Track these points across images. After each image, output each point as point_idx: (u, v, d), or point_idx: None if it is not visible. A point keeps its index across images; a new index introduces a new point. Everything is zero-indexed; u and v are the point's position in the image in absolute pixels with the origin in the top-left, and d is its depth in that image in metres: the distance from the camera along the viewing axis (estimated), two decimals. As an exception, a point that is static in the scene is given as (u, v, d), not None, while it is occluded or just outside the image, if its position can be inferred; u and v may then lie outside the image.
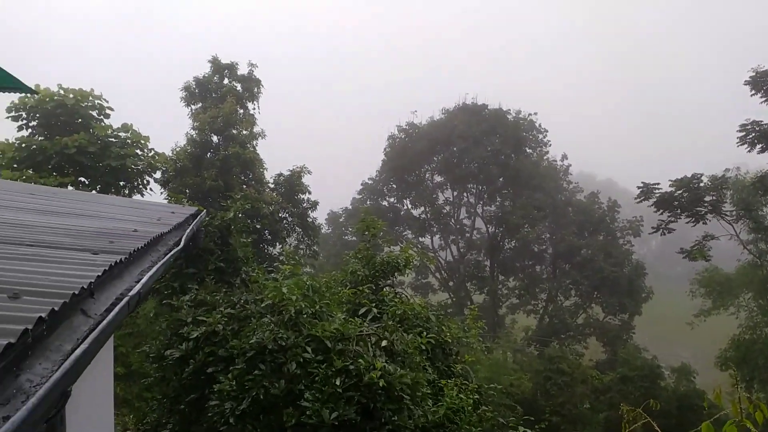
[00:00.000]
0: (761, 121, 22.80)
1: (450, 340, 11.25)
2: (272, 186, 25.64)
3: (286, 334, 8.11)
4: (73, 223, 4.19)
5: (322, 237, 32.27)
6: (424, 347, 9.65)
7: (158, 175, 22.44)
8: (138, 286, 2.74)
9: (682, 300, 36.64)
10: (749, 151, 23.51)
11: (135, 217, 5.30)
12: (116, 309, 2.31)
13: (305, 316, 8.58)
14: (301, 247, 26.62)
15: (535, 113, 41.54)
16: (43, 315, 1.99)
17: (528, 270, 41.03)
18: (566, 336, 36.96)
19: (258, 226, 21.61)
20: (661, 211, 25.37)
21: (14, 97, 18.70)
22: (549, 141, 41.93)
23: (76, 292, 2.35)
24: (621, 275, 36.72)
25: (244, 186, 23.81)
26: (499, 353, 30.45)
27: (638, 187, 25.83)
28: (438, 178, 43.56)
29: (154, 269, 3.24)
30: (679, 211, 25.05)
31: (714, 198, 24.69)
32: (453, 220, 43.09)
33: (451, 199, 43.31)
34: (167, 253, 4.13)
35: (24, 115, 19.74)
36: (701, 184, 24.56)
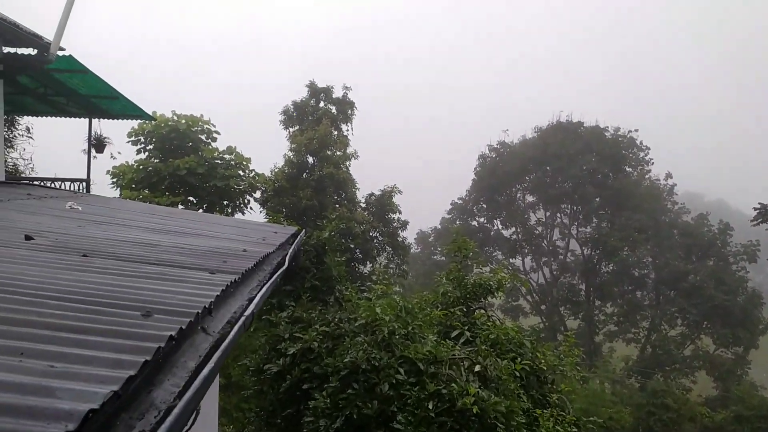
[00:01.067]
0: None
1: (545, 368, 10.79)
2: (364, 205, 26.14)
3: (379, 355, 8.15)
4: (190, 243, 4.48)
5: (411, 256, 32.34)
6: (518, 374, 9.33)
7: (258, 194, 23.67)
8: (252, 306, 2.87)
9: (807, 334, 33.02)
10: None
11: (242, 236, 5.57)
12: (235, 329, 2.42)
13: (398, 337, 8.59)
14: (390, 266, 26.82)
15: (636, 130, 39.49)
16: (173, 333, 2.11)
17: (627, 295, 38.65)
18: (671, 368, 34.31)
19: (351, 246, 22.07)
20: (783, 235, 23.09)
21: (135, 123, 20.43)
22: (651, 159, 39.60)
23: (200, 311, 2.48)
24: (734, 304, 33.66)
25: (337, 205, 24.48)
26: (596, 383, 28.79)
27: (755, 209, 23.68)
28: (530, 198, 42.40)
29: (264, 288, 3.37)
30: (804, 235, 22.68)
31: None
32: (545, 242, 41.67)
33: (543, 220, 41.96)
34: (273, 273, 4.29)
35: (142, 140, 21.56)
36: (830, 206, 22.12)
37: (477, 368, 8.48)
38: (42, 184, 11.41)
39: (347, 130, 26.17)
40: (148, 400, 1.87)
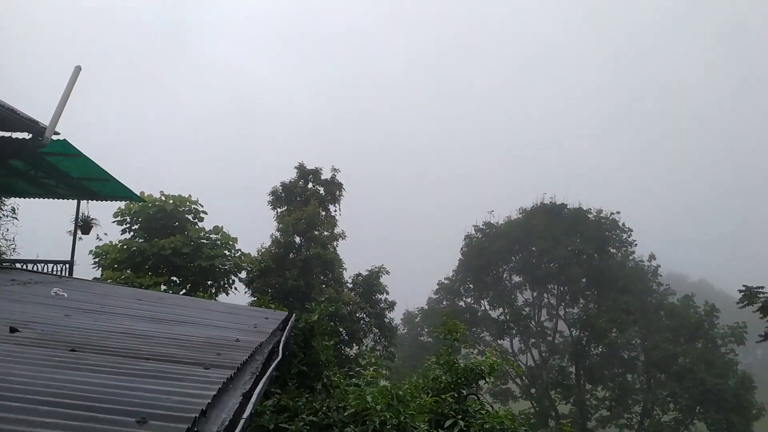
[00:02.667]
0: None
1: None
2: (350, 286, 25.86)
3: (370, 447, 7.79)
4: (182, 332, 4.34)
5: (398, 338, 31.71)
6: (514, 466, 8.93)
7: (243, 274, 23.36)
8: (250, 406, 2.73)
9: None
10: None
11: (234, 323, 5.43)
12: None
13: (389, 427, 8.26)
14: (377, 348, 26.18)
15: (618, 212, 40.37)
16: (172, 444, 1.99)
17: (618, 379, 37.90)
18: (667, 455, 33.13)
19: (340, 329, 21.64)
20: (769, 317, 23.15)
21: (122, 204, 20.41)
22: (634, 240, 40.26)
23: (196, 416, 2.36)
24: (726, 388, 33.09)
25: (324, 286, 24.17)
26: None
27: (739, 291, 23.90)
28: (516, 279, 42.43)
29: (260, 385, 3.24)
30: (790, 317, 22.76)
31: (830, 303, 22.35)
32: (533, 322, 41.26)
33: (531, 300, 41.79)
34: (267, 365, 4.15)
35: (128, 220, 21.45)
36: (813, 287, 22.40)
37: (472, 461, 8.13)
38: (24, 266, 11.17)
39: (335, 211, 26.36)
40: None
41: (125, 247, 20.59)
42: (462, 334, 13.61)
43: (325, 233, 25.23)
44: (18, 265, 10.79)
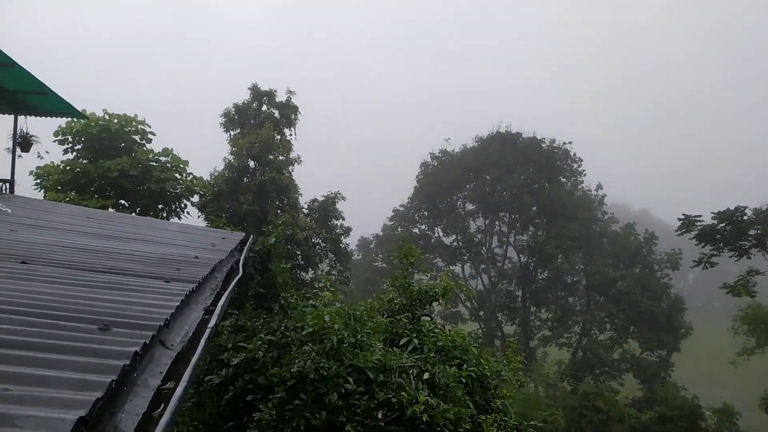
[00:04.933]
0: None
1: (489, 374, 10.95)
2: (306, 211, 25.79)
3: (327, 364, 8.00)
4: (138, 249, 4.21)
5: (353, 263, 32.22)
6: (464, 380, 9.41)
7: (195, 198, 22.84)
8: (214, 318, 2.69)
9: (722, 337, 35.28)
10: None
11: (191, 242, 5.31)
12: (202, 342, 2.25)
13: (347, 345, 8.47)
14: (333, 272, 26.59)
15: (570, 142, 41.18)
16: (137, 349, 1.94)
17: (561, 301, 40.14)
18: (601, 371, 35.82)
19: (297, 252, 21.72)
20: (703, 244, 24.63)
21: (62, 121, 19.27)
22: (584, 170, 41.42)
23: (161, 324, 2.30)
24: (659, 309, 35.61)
25: (279, 211, 24.02)
26: (531, 387, 29.61)
27: (679, 219, 25.17)
28: (470, 206, 43.32)
29: (223, 298, 3.19)
30: (722, 244, 24.27)
31: (759, 231, 23.88)
32: (484, 249, 42.63)
33: (483, 228, 42.93)
34: (227, 281, 4.11)
35: (70, 139, 20.35)
36: (745, 217, 23.80)
37: (426, 376, 8.50)
38: (-40, 184, 10.53)
39: (290, 135, 25.78)
40: (112, 424, 1.69)
41: (68, 168, 19.66)
42: (416, 258, 13.88)
43: (281, 158, 24.76)
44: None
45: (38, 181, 19.63)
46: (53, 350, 1.78)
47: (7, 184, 11.43)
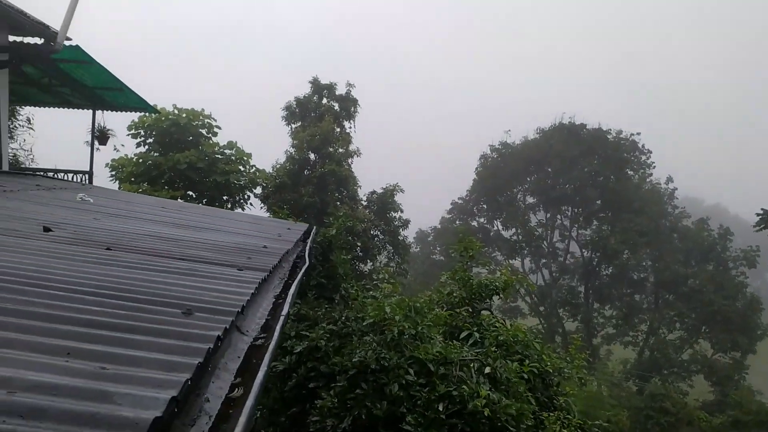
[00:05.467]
0: None
1: (551, 370, 10.69)
2: (365, 203, 25.99)
3: (388, 355, 8.03)
4: (210, 238, 4.35)
5: (410, 255, 32.23)
6: (525, 376, 9.23)
7: (258, 190, 23.48)
8: (287, 306, 2.74)
9: (805, 340, 33.07)
10: None
11: (259, 232, 5.45)
12: (278, 328, 2.29)
13: (407, 337, 8.47)
14: (390, 264, 26.69)
15: (638, 133, 39.45)
16: (219, 334, 1.99)
17: (626, 299, 38.66)
18: (669, 372, 34.32)
19: (358, 244, 21.96)
20: (785, 241, 23.08)
21: (135, 115, 20.21)
22: (653, 162, 39.60)
23: (239, 310, 2.36)
24: (733, 309, 33.69)
25: (339, 203, 24.32)
26: (594, 386, 28.76)
27: (757, 214, 23.64)
28: (531, 200, 42.37)
29: (293, 287, 3.25)
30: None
31: None
32: (545, 243, 41.63)
33: (544, 221, 41.93)
34: (294, 270, 4.17)
35: (142, 133, 21.36)
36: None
37: (487, 370, 8.38)
38: (45, 174, 11.24)
39: (350, 128, 26.02)
40: (197, 405, 1.74)
41: (141, 160, 20.66)
42: (476, 251, 13.71)
43: (340, 150, 25.05)
44: (39, 174, 10.86)
45: (113, 172, 20.72)
46: (142, 332, 1.85)
47: (87, 176, 12.12)
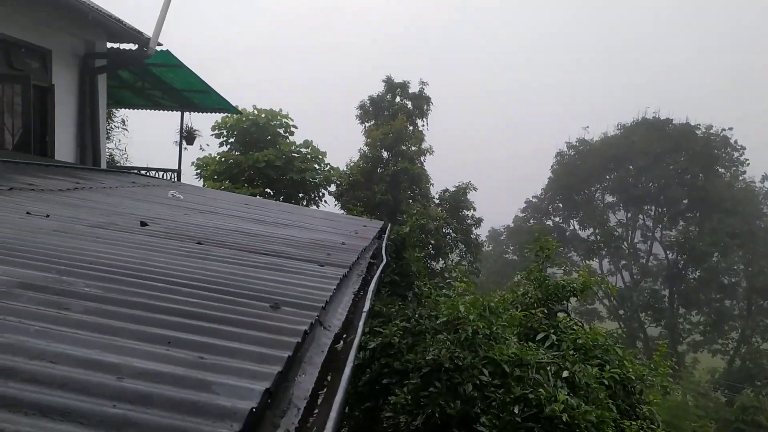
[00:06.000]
0: None
1: (633, 377, 10.20)
2: (437, 201, 25.90)
3: (462, 354, 7.95)
4: (291, 234, 4.47)
5: (482, 254, 31.79)
6: (606, 383, 8.86)
7: (332, 188, 23.96)
8: (368, 303, 2.76)
9: None
10: None
11: (336, 229, 5.55)
12: (361, 324, 2.31)
13: (481, 336, 8.35)
14: (462, 263, 26.44)
15: (730, 128, 36.86)
16: (306, 328, 2.03)
17: (716, 304, 36.26)
18: (763, 383, 31.90)
19: (432, 242, 21.97)
20: None
21: (218, 116, 21.17)
22: (747, 160, 36.87)
23: (323, 306, 2.40)
24: (840, 318, 30.88)
25: (411, 201, 24.37)
26: (678, 395, 27.20)
27: None
28: (610, 198, 40.62)
29: (372, 283, 3.27)
30: None
31: None
32: (625, 244, 39.78)
33: (624, 221, 40.08)
34: (370, 266, 4.20)
35: (224, 133, 22.34)
36: None
37: (565, 374, 8.12)
38: (138, 172, 11.99)
39: (422, 126, 26.01)
40: (286, 397, 1.78)
41: (223, 159, 21.61)
42: (553, 251, 13.32)
43: (413, 148, 25.08)
44: (134, 172, 11.60)
45: (198, 171, 21.82)
46: (235, 324, 1.92)
47: (175, 174, 12.83)
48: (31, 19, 8.61)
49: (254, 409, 1.35)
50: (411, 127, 25.61)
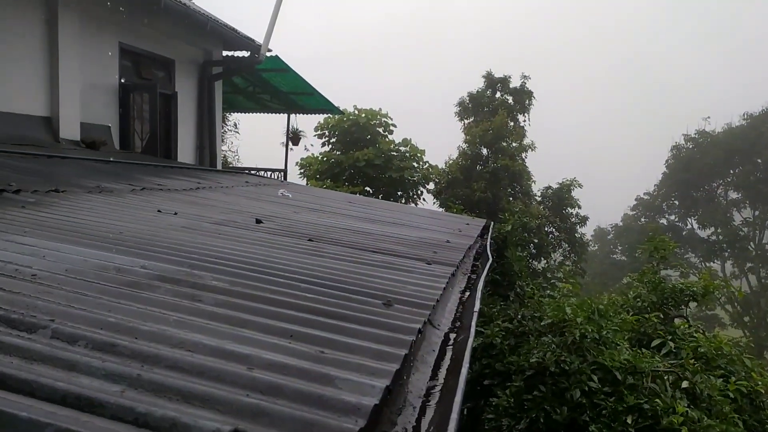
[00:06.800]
0: None
1: (763, 391, 9.27)
2: (539, 199, 25.07)
3: (569, 358, 7.63)
4: (396, 232, 4.52)
5: (588, 254, 30.33)
6: (731, 395, 8.12)
7: (431, 185, 23.94)
8: (478, 302, 2.71)
9: None
10: None
11: (439, 227, 5.53)
12: (473, 323, 2.28)
13: (589, 340, 7.97)
14: (566, 263, 25.40)
15: None
16: (420, 327, 2.03)
17: None
18: None
19: (535, 240, 21.35)
20: None
21: (321, 117, 21.88)
22: None
23: (434, 304, 2.39)
24: None
25: (512, 198, 23.78)
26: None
27: None
28: (734, 195, 37.16)
29: (480, 282, 3.22)
30: None
31: None
32: (752, 245, 36.23)
33: (750, 220, 36.52)
34: (475, 265, 4.14)
35: (326, 133, 23.04)
36: None
37: (684, 384, 7.55)
38: (249, 172, 12.70)
39: (524, 121, 25.27)
40: (402, 396, 1.79)
41: (325, 159, 22.29)
42: (669, 252, 12.43)
43: (514, 144, 24.45)
44: (245, 172, 12.31)
45: (302, 170, 22.70)
46: (351, 320, 1.96)
47: (282, 173, 13.45)
48: (157, 32, 9.38)
49: (376, 406, 1.36)
50: (512, 123, 24.97)
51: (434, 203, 24.04)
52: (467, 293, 3.49)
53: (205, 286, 2.13)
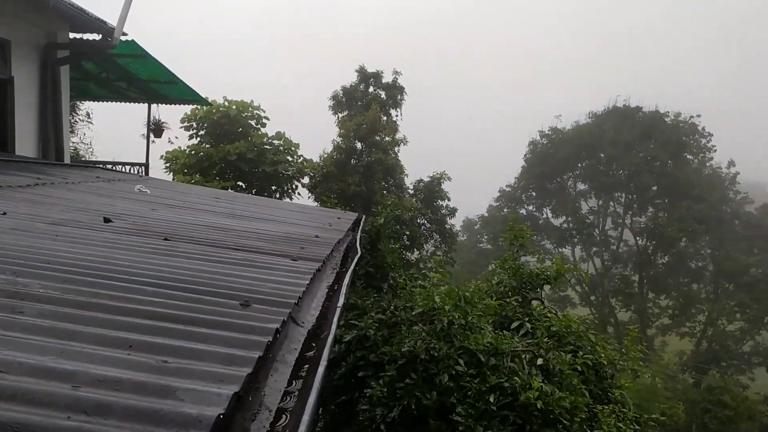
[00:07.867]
0: None
1: (605, 362, 10.35)
2: (412, 192, 25.87)
3: (438, 345, 7.95)
4: (263, 228, 4.38)
5: (457, 244, 31.93)
6: (579, 368, 8.97)
7: (306, 180, 23.72)
8: (342, 298, 2.70)
9: None
10: None
11: (309, 222, 5.46)
12: (335, 321, 2.25)
13: (457, 326, 8.37)
14: (438, 253, 26.53)
15: (698, 115, 37.67)
16: (278, 326, 1.96)
17: (683, 288, 37.24)
18: (728, 364, 32.94)
19: (407, 233, 21.91)
20: None
21: (188, 108, 20.73)
22: (714, 146, 37.78)
23: (296, 302, 2.33)
24: (800, 300, 31.99)
25: (385, 192, 24.29)
26: (647, 378, 27.86)
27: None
28: (582, 186, 41.24)
29: (347, 277, 3.22)
30: None
31: None
32: (597, 231, 40.49)
33: (595, 209, 40.76)
34: (344, 259, 4.15)
35: (194, 125, 21.88)
36: None
37: (539, 361, 8.19)
38: (104, 167, 11.67)
39: (396, 116, 25.92)
40: (257, 399, 1.72)
41: (193, 152, 21.17)
42: (526, 240, 13.43)
43: (387, 138, 24.96)
44: (99, 166, 11.28)
45: (167, 164, 21.34)
46: (201, 324, 1.84)
47: (143, 168, 12.52)
48: (-14, 7, 8.26)
49: (222, 416, 1.28)
50: (384, 118, 25.47)
51: (309, 197, 23.88)
52: (336, 288, 3.47)
53: (29, 295, 1.88)
